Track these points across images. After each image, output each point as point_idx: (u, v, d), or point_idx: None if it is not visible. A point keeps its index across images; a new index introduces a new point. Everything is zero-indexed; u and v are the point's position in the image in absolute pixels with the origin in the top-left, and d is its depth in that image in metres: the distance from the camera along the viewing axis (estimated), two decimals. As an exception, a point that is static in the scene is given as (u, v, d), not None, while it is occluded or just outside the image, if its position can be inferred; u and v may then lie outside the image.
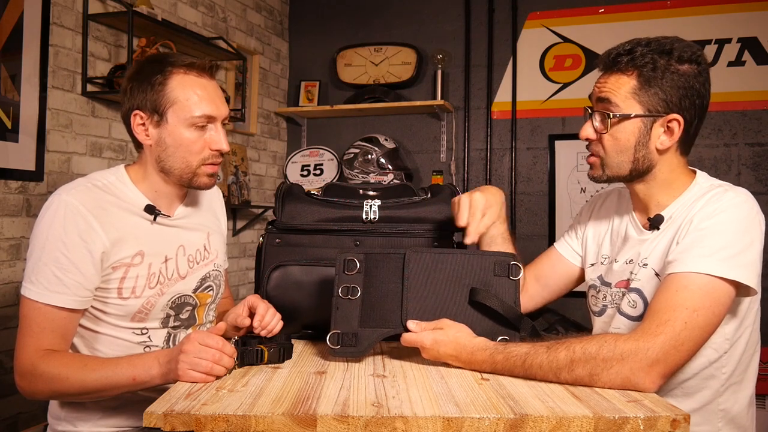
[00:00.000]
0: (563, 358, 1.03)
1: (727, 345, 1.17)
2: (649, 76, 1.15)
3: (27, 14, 2.02)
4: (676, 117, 1.16)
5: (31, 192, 2.05)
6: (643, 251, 1.23)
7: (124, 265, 1.25)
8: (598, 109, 1.20)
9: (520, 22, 3.38)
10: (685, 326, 1.03)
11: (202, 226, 1.43)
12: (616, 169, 1.21)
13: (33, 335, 1.18)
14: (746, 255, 1.09)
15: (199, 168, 1.29)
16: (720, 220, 1.11)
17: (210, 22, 3.00)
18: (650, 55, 1.15)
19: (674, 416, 0.88)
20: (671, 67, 1.14)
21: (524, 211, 3.36)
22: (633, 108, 1.16)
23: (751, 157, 3.05)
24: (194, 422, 0.87)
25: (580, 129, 1.23)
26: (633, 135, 1.17)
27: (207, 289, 1.41)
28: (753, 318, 1.21)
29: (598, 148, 1.21)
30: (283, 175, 3.65)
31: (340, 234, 1.45)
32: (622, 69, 1.17)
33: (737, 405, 1.19)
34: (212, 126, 1.29)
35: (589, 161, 1.25)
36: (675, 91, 1.15)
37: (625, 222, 1.31)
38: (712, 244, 1.09)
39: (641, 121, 1.17)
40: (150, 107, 1.25)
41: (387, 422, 0.87)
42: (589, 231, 1.40)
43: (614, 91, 1.17)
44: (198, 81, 1.27)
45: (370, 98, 3.45)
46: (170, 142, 1.26)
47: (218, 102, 1.29)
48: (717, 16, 3.10)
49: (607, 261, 1.33)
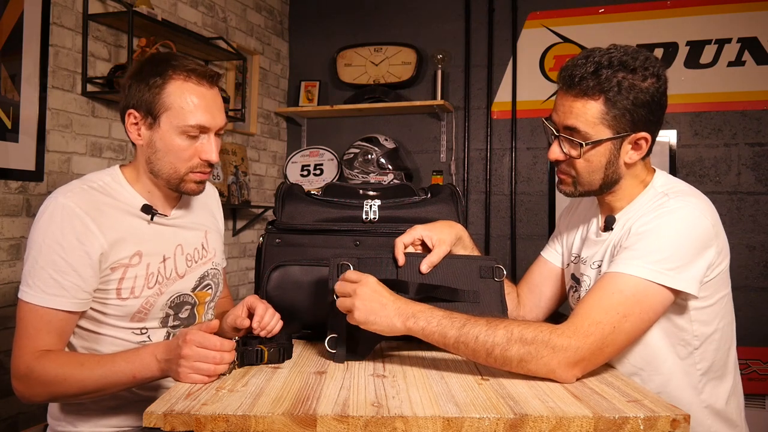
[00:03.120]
0: (501, 336, 1.05)
1: (696, 342, 1.20)
2: (616, 99, 1.14)
3: (27, 14, 2.02)
4: (644, 135, 1.18)
5: (31, 192, 2.05)
6: (598, 253, 1.28)
7: (122, 266, 1.25)
8: (566, 135, 1.20)
9: (520, 22, 3.38)
10: (613, 330, 1.07)
11: (199, 225, 1.43)
12: (588, 186, 1.24)
13: (29, 337, 1.17)
14: (677, 260, 1.11)
15: (186, 175, 1.28)
16: (657, 225, 1.14)
17: (210, 22, 3.00)
18: (615, 78, 1.14)
19: (674, 416, 0.88)
20: (636, 87, 1.14)
21: (524, 211, 3.36)
22: (602, 133, 1.17)
23: (751, 157, 3.05)
24: (194, 422, 0.87)
25: (549, 150, 1.23)
26: (604, 156, 1.19)
27: (206, 288, 1.41)
28: (726, 315, 1.24)
29: (569, 169, 1.23)
30: (283, 175, 3.65)
31: (340, 234, 1.45)
32: (588, 94, 1.15)
33: (720, 400, 1.22)
34: (205, 136, 1.27)
35: (561, 178, 1.27)
36: (641, 110, 1.16)
37: (592, 223, 1.35)
38: (645, 247, 1.12)
39: (611, 143, 1.18)
40: (145, 108, 1.24)
41: (387, 422, 0.87)
42: (567, 232, 1.45)
43: (581, 118, 1.17)
44: (197, 89, 1.24)
45: (370, 98, 3.45)
46: (160, 146, 1.25)
47: (214, 112, 1.26)
48: (717, 16, 3.10)
49: (576, 260, 1.37)
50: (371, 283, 1.12)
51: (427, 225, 1.33)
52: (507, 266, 3.36)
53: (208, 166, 1.30)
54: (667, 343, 1.20)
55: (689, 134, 3.14)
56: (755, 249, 3.02)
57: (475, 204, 3.45)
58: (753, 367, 2.89)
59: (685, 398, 1.20)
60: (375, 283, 1.13)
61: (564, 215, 1.51)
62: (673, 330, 1.19)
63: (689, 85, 3.13)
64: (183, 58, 1.29)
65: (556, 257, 1.47)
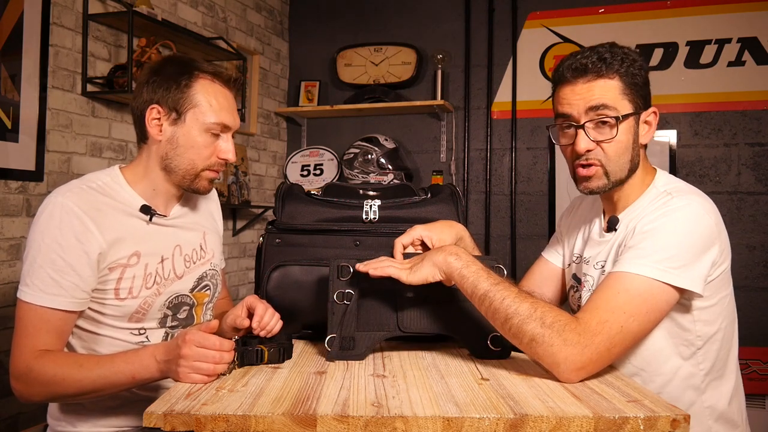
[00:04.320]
0: (525, 308, 1.05)
1: (699, 342, 1.20)
2: (627, 77, 1.20)
3: (27, 14, 2.02)
4: (653, 110, 1.24)
5: (31, 192, 2.05)
6: (601, 253, 1.28)
7: (120, 266, 1.25)
8: (592, 118, 1.20)
9: (520, 22, 3.38)
10: (620, 330, 1.06)
11: (198, 226, 1.43)
12: (618, 172, 1.22)
13: (28, 336, 1.17)
14: (682, 258, 1.11)
15: (203, 172, 1.31)
16: (662, 223, 1.14)
17: (210, 22, 3.00)
18: (618, 58, 1.20)
19: (674, 416, 0.88)
20: (635, 66, 1.20)
21: (524, 211, 3.36)
22: (627, 107, 1.20)
23: (751, 157, 3.05)
24: (194, 422, 0.87)
25: (575, 144, 1.21)
26: (630, 134, 1.21)
27: (204, 289, 1.41)
28: (729, 314, 1.23)
29: (599, 156, 1.21)
30: (283, 175, 3.65)
31: (340, 234, 1.45)
32: (604, 74, 1.19)
33: (722, 400, 1.22)
34: (225, 135, 1.32)
35: (588, 173, 1.22)
36: (645, 87, 1.23)
37: (594, 223, 1.35)
38: (650, 246, 1.12)
39: (633, 119, 1.22)
40: (170, 104, 1.27)
41: (387, 422, 0.87)
42: (568, 233, 1.45)
43: (606, 95, 1.19)
44: (222, 90, 1.32)
45: (370, 98, 3.45)
46: (182, 142, 1.28)
47: (235, 114, 1.34)
48: (717, 16, 3.10)
49: (578, 260, 1.37)
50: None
51: (427, 225, 1.32)
52: (507, 266, 3.36)
53: (223, 165, 1.34)
54: (670, 344, 1.19)
55: (689, 134, 3.14)
56: (755, 249, 3.02)
57: (475, 204, 3.45)
58: (753, 367, 2.89)
59: (686, 398, 1.20)
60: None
61: (565, 216, 1.50)
62: (676, 330, 1.19)
63: (689, 85, 3.13)
64: (203, 60, 1.37)
65: (557, 258, 1.47)
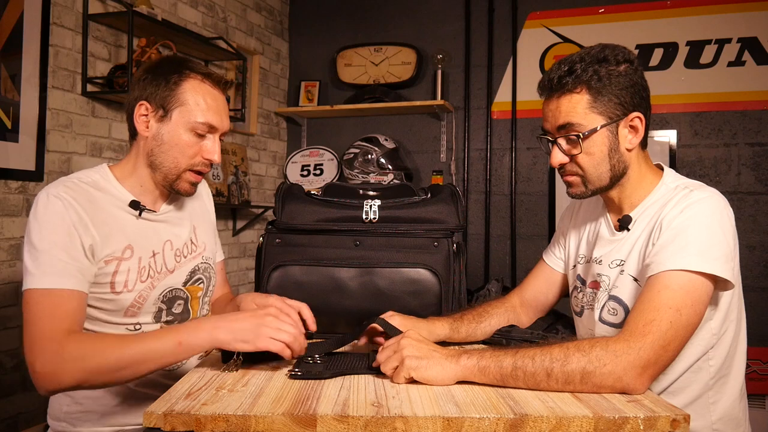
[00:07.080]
0: (557, 352, 1.01)
1: (714, 339, 1.19)
2: (597, 86, 1.18)
3: (27, 14, 2.02)
4: (637, 115, 1.20)
5: (31, 192, 2.05)
6: (614, 252, 1.27)
7: (115, 259, 1.25)
8: (562, 135, 1.21)
9: (520, 22, 3.38)
10: (670, 326, 1.04)
11: (187, 220, 1.43)
12: (598, 181, 1.23)
13: (46, 320, 1.12)
14: (719, 249, 1.11)
15: (185, 172, 1.31)
16: (689, 217, 1.14)
17: (210, 22, 3.00)
18: (590, 68, 1.18)
19: (674, 416, 0.88)
20: (612, 72, 1.18)
21: (524, 211, 3.36)
22: (595, 121, 1.19)
23: (751, 157, 3.05)
24: (194, 422, 0.87)
25: (550, 159, 1.24)
26: (604, 145, 1.20)
27: (197, 282, 1.42)
28: (737, 312, 1.24)
29: (575, 168, 1.23)
30: (283, 175, 3.65)
31: (340, 234, 1.45)
32: (570, 89, 1.19)
33: (727, 397, 1.22)
34: (211, 136, 1.32)
35: (569, 180, 1.26)
36: (625, 92, 1.19)
37: (600, 223, 1.34)
38: (685, 240, 1.11)
39: (607, 130, 1.20)
40: (158, 101, 1.28)
41: (387, 422, 0.87)
42: (570, 234, 1.44)
43: (572, 112, 1.19)
44: (211, 91, 1.31)
45: (370, 98, 3.45)
46: (167, 139, 1.28)
47: (223, 115, 1.33)
48: (717, 16, 3.10)
49: (583, 260, 1.36)
50: (413, 333, 1.11)
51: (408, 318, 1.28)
52: (507, 266, 3.37)
53: (207, 167, 1.33)
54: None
55: (689, 134, 3.14)
56: (755, 249, 3.02)
57: (475, 204, 3.45)
58: (753, 367, 2.89)
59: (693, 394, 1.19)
60: (416, 334, 1.11)
61: (565, 217, 1.50)
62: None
63: (689, 85, 3.13)
64: (198, 62, 1.36)
65: (558, 263, 1.47)
